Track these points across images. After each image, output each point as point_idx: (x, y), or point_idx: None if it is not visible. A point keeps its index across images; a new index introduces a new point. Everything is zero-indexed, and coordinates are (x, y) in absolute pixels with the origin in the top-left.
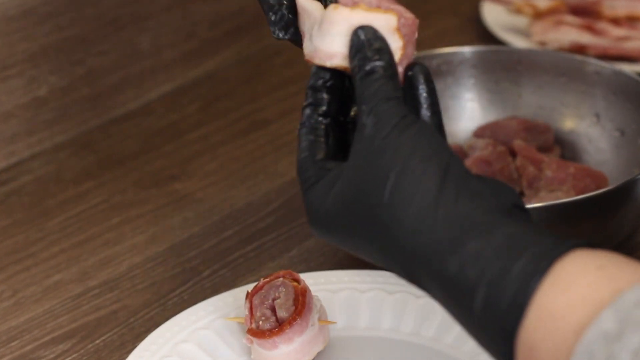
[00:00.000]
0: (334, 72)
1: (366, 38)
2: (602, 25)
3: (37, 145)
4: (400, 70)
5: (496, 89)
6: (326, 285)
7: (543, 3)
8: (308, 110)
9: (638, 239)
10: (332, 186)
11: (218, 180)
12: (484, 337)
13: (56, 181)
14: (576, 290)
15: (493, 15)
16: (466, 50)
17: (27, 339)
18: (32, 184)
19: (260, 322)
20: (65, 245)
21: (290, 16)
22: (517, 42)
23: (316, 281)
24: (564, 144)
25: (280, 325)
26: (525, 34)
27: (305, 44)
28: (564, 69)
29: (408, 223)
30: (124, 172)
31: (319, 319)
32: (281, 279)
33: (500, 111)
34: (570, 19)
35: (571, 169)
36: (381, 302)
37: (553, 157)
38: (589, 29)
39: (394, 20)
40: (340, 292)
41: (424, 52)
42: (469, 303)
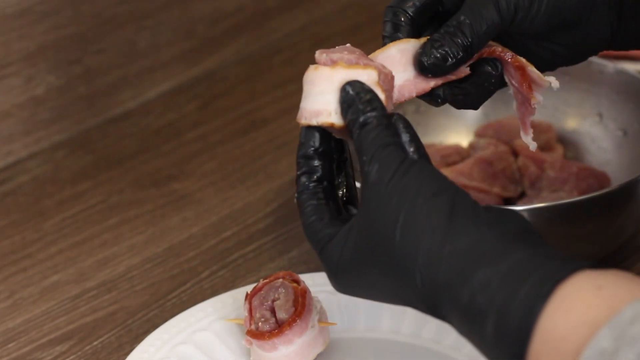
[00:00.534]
0: (322, 136)
1: (355, 92)
2: None
3: (34, 144)
4: None
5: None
6: (326, 287)
7: None
8: (303, 178)
9: None
10: (346, 239)
11: (217, 180)
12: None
13: (53, 181)
14: (576, 312)
15: None
16: None
17: (24, 341)
18: (29, 184)
19: (260, 324)
20: (63, 245)
21: None
22: None
23: (316, 282)
24: (567, 143)
25: (280, 327)
26: None
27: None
28: (567, 68)
29: (420, 259)
30: (121, 172)
31: (319, 321)
32: (281, 280)
33: (502, 110)
34: None
35: (574, 168)
36: (381, 304)
37: (555, 157)
38: None
39: (374, 74)
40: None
41: None
42: (481, 330)
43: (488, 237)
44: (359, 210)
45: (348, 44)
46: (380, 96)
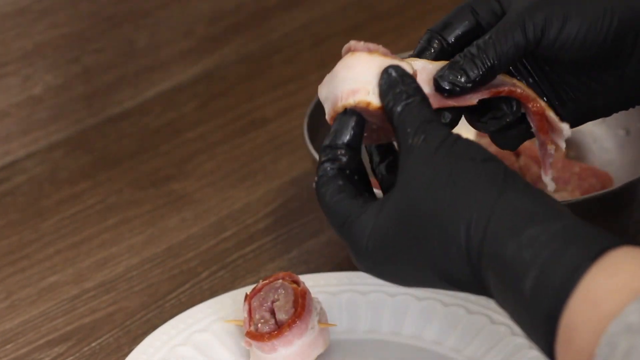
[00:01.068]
0: (355, 130)
1: (398, 74)
2: None
3: (32, 144)
4: None
5: None
6: (326, 287)
7: None
8: (326, 164)
9: None
10: (381, 210)
11: (216, 180)
12: (528, 317)
13: (51, 181)
14: (621, 277)
15: None
16: None
17: (22, 342)
18: (26, 184)
19: (259, 325)
20: (61, 246)
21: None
22: None
23: (316, 283)
24: (569, 143)
25: (280, 328)
26: None
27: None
28: None
29: (469, 216)
30: (120, 172)
31: (319, 322)
32: (280, 280)
33: None
34: None
35: (576, 168)
36: (382, 305)
37: (558, 157)
38: None
39: (409, 67)
40: (341, 294)
41: None
42: (520, 284)
43: (541, 201)
44: (398, 180)
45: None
46: None
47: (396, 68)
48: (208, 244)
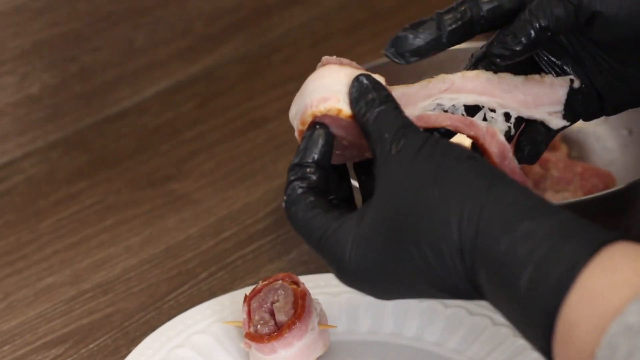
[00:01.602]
0: (324, 148)
1: (369, 82)
2: None
3: (29, 144)
4: None
5: None
6: (326, 288)
7: None
8: (296, 183)
9: None
10: (362, 219)
11: (215, 180)
12: (525, 316)
13: (49, 181)
14: (620, 273)
15: None
16: (471, 46)
17: (19, 344)
18: (24, 184)
19: (259, 326)
20: (58, 247)
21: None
22: None
23: (316, 284)
24: (571, 142)
25: (279, 330)
26: None
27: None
28: None
29: (459, 212)
30: (118, 172)
31: (319, 323)
32: (280, 281)
33: None
34: None
35: (578, 168)
36: (383, 306)
37: (560, 157)
38: None
39: (382, 79)
40: (341, 295)
41: None
42: (515, 281)
43: (531, 195)
44: (378, 188)
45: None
46: None
47: (367, 76)
48: (207, 244)
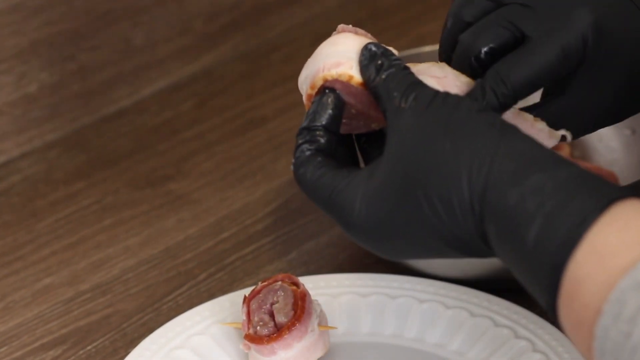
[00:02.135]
0: (334, 112)
1: (378, 50)
2: None
3: (27, 144)
4: None
5: None
6: (326, 289)
7: None
8: (304, 146)
9: None
10: (371, 174)
11: (214, 180)
12: (531, 269)
13: (46, 181)
14: (630, 231)
15: None
16: None
17: (16, 345)
18: (21, 184)
19: (258, 328)
20: (56, 247)
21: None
22: None
23: (316, 285)
24: (573, 142)
25: (279, 331)
26: None
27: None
28: None
29: (470, 164)
30: (116, 172)
31: (319, 325)
32: (280, 282)
33: None
34: None
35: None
36: (383, 307)
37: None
38: None
39: (395, 52)
40: (341, 296)
41: (428, 47)
42: (523, 235)
43: (542, 148)
44: (388, 143)
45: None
46: None
47: (377, 45)
48: (206, 245)
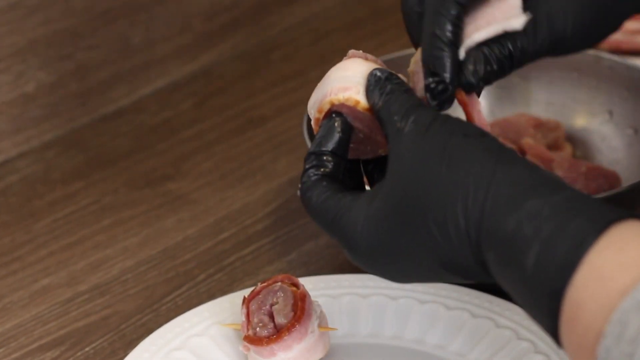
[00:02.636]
0: (341, 137)
1: (383, 75)
2: None
3: (24, 143)
4: None
5: (504, 85)
6: (326, 290)
7: None
8: (311, 171)
9: None
10: (373, 199)
11: (213, 180)
12: (531, 296)
13: (44, 181)
14: (629, 252)
15: None
16: None
17: (14, 347)
18: (18, 184)
19: (258, 329)
20: (54, 248)
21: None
22: None
23: (316, 286)
24: (576, 142)
25: (279, 332)
26: None
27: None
28: (576, 63)
29: (466, 191)
30: (115, 172)
31: (319, 326)
32: (279, 283)
33: (508, 108)
34: None
35: (583, 168)
36: (384, 308)
37: (564, 156)
38: None
39: (404, 79)
40: (341, 297)
41: None
42: (522, 261)
43: (539, 173)
44: (389, 167)
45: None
46: None
47: (382, 70)
48: (205, 245)
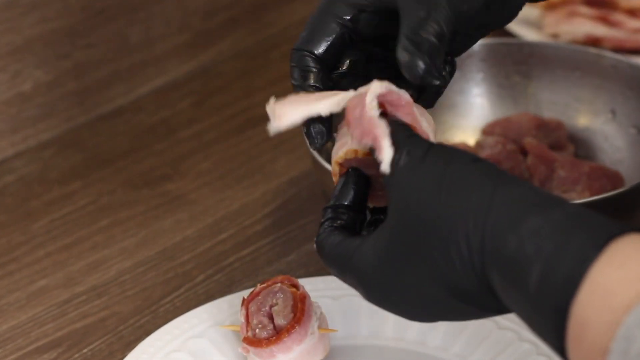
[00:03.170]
0: (357, 191)
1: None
2: (618, 17)
3: (21, 143)
4: None
5: (506, 84)
6: (326, 291)
7: None
8: (326, 224)
9: None
10: (379, 236)
11: (212, 180)
12: (536, 314)
13: (41, 181)
14: (631, 267)
15: None
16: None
17: (11, 348)
18: (15, 184)
19: (257, 330)
20: (51, 248)
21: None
22: (529, 35)
23: (316, 287)
24: (578, 141)
25: (278, 334)
26: (537, 25)
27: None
28: (578, 62)
29: (467, 217)
30: (112, 172)
31: (319, 327)
32: (279, 284)
33: (510, 107)
34: (584, 9)
35: (585, 168)
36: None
37: (566, 156)
38: (604, 20)
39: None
40: (341, 298)
41: None
42: (525, 280)
43: (537, 191)
44: (389, 203)
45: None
46: None
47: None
48: (204, 246)
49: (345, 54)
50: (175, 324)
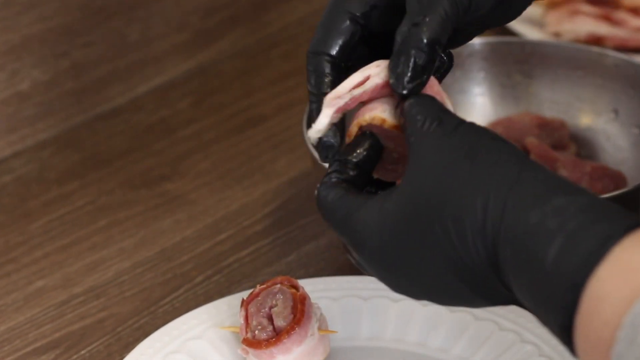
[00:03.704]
0: (372, 146)
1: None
2: (621, 15)
3: (19, 143)
4: None
5: (508, 83)
6: (326, 292)
7: None
8: (333, 175)
9: None
10: (384, 202)
11: (212, 180)
12: (547, 291)
13: (39, 181)
14: None
15: None
16: (476, 41)
17: (8, 350)
18: (13, 184)
19: (257, 332)
20: (49, 249)
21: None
22: (530, 33)
23: (315, 288)
24: (580, 141)
25: (278, 335)
26: (538, 24)
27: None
28: (580, 61)
29: (488, 190)
30: (111, 172)
31: (319, 328)
32: (279, 285)
33: (512, 107)
34: (586, 8)
35: (587, 168)
36: (385, 310)
37: (568, 156)
38: (607, 19)
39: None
40: (342, 299)
41: None
42: (542, 253)
43: (564, 178)
44: (408, 167)
45: None
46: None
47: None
48: (203, 246)
49: (355, 51)
50: (174, 325)
